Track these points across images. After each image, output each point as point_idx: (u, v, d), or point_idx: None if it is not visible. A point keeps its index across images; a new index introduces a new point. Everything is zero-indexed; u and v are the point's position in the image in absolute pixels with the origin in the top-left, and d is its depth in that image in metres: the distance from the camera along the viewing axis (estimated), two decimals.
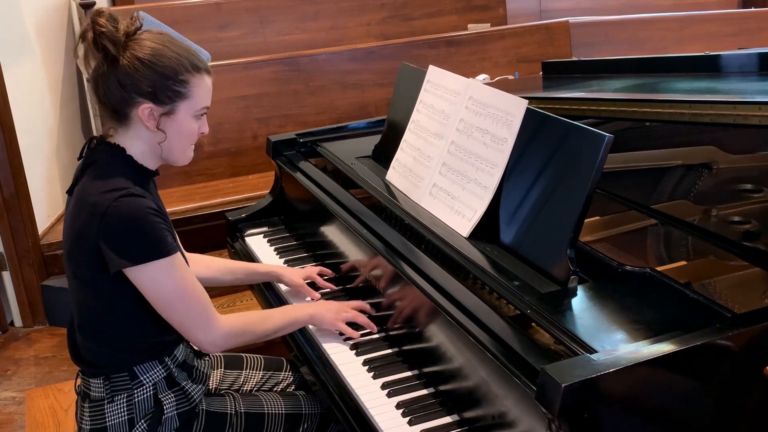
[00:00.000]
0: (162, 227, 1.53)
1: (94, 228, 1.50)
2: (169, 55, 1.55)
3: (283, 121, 3.60)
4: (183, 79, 1.56)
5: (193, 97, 1.58)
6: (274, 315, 1.77)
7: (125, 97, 1.54)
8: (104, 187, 1.52)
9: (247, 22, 4.32)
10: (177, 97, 1.56)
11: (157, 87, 1.54)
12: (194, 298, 1.58)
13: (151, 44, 1.55)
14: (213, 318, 1.61)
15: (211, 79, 1.63)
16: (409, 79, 2.11)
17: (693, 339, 1.22)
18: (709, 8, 5.03)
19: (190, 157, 1.66)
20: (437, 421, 1.48)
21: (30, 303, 3.44)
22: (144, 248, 1.50)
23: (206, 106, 1.62)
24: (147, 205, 1.52)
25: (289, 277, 2.01)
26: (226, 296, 2.95)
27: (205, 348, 1.64)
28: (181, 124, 1.59)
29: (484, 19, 4.69)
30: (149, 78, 1.53)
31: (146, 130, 1.58)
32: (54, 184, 3.80)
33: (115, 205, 1.49)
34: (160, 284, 1.53)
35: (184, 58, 1.57)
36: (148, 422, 1.62)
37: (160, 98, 1.55)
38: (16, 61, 3.48)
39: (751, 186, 1.80)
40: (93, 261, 1.52)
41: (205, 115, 1.65)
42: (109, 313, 1.59)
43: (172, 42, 1.59)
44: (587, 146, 1.47)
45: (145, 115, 1.55)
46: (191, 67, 1.57)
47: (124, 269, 1.51)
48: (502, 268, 1.54)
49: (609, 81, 2.37)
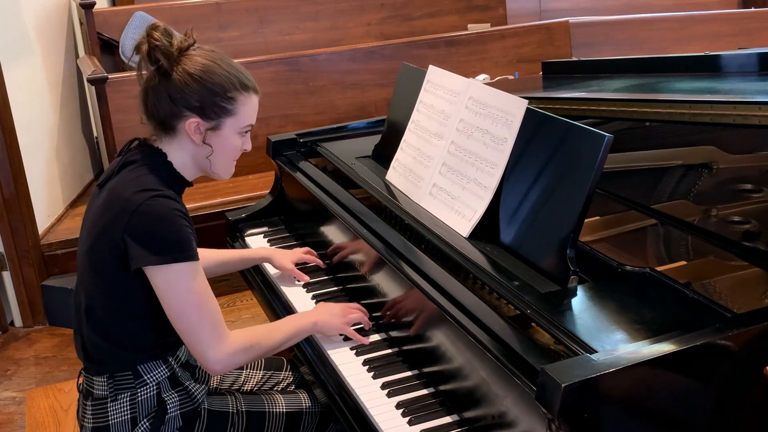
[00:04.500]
0: (189, 231, 1.55)
1: (122, 223, 1.51)
2: (219, 72, 1.58)
3: (283, 121, 3.60)
4: (231, 96, 1.59)
5: (240, 115, 1.61)
6: (278, 328, 1.73)
7: (174, 110, 1.57)
8: (139, 186, 1.54)
9: (247, 22, 4.33)
10: (224, 114, 1.59)
11: (205, 102, 1.57)
12: (208, 310, 1.56)
13: (203, 60, 1.58)
14: (221, 335, 1.57)
15: (258, 98, 1.66)
16: (409, 79, 2.11)
17: (693, 339, 1.22)
18: (709, 8, 5.03)
19: (231, 172, 1.69)
20: (437, 421, 1.48)
21: (30, 303, 3.44)
22: (169, 248, 1.51)
23: (251, 124, 1.65)
24: (177, 208, 1.54)
25: (279, 260, 2.06)
26: (226, 296, 2.96)
27: (211, 368, 1.58)
28: (226, 139, 1.62)
29: (484, 19, 4.69)
30: (198, 93, 1.56)
31: (191, 143, 1.61)
32: (54, 184, 3.80)
33: (148, 203, 1.51)
34: (177, 288, 1.53)
35: (233, 75, 1.60)
36: (151, 421, 1.62)
37: (207, 113, 1.58)
38: (16, 61, 3.48)
39: (751, 186, 1.80)
40: (115, 257, 1.53)
41: (249, 133, 1.67)
42: (117, 311, 1.59)
43: (223, 60, 1.62)
44: (587, 146, 1.47)
45: (192, 129, 1.58)
46: (239, 86, 1.60)
47: (146, 267, 1.51)
48: (502, 268, 1.54)
49: (609, 81, 2.37)
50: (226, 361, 1.59)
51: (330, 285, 2.04)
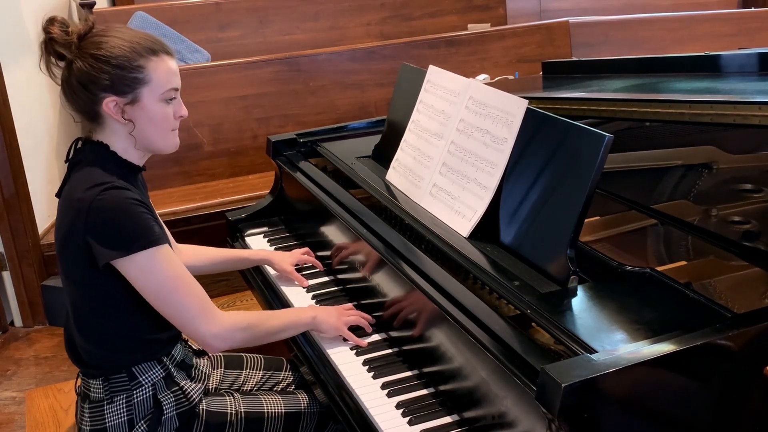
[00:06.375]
0: (147, 217, 1.53)
1: (80, 224, 1.50)
2: (120, 45, 1.55)
3: (283, 121, 3.60)
4: (138, 64, 1.55)
5: (153, 81, 1.57)
6: (277, 315, 1.77)
7: (90, 96, 1.56)
8: (88, 183, 1.53)
9: (247, 22, 4.32)
10: (136, 84, 1.56)
11: (114, 79, 1.54)
12: (188, 289, 1.55)
13: (102, 39, 1.56)
14: (212, 310, 1.58)
15: (174, 60, 1.61)
16: (409, 79, 2.11)
17: (693, 339, 1.22)
18: (709, 8, 5.03)
19: (174, 143, 1.65)
20: (437, 421, 1.48)
21: (30, 303, 3.44)
22: (130, 238, 1.50)
23: (173, 88, 1.60)
24: (130, 197, 1.52)
25: (279, 263, 2.05)
26: (226, 296, 2.95)
27: (209, 344, 1.59)
28: (149, 109, 1.58)
29: (484, 19, 4.68)
30: (105, 71, 1.53)
31: (118, 124, 1.58)
32: (54, 184, 3.79)
33: (99, 199, 1.50)
34: (150, 275, 1.52)
35: (137, 44, 1.56)
36: (148, 423, 1.62)
37: (119, 89, 1.55)
38: (16, 61, 3.48)
39: (751, 186, 1.80)
40: (82, 258, 1.53)
41: (179, 99, 1.63)
42: (101, 312, 1.59)
43: (125, 32, 1.58)
44: (587, 146, 1.47)
45: (111, 109, 1.56)
46: (145, 51, 1.56)
47: (113, 261, 1.51)
48: (502, 268, 1.54)
49: (609, 81, 2.37)
50: (223, 334, 1.58)
51: (330, 285, 2.04)
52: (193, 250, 1.99)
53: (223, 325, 1.58)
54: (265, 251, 2.17)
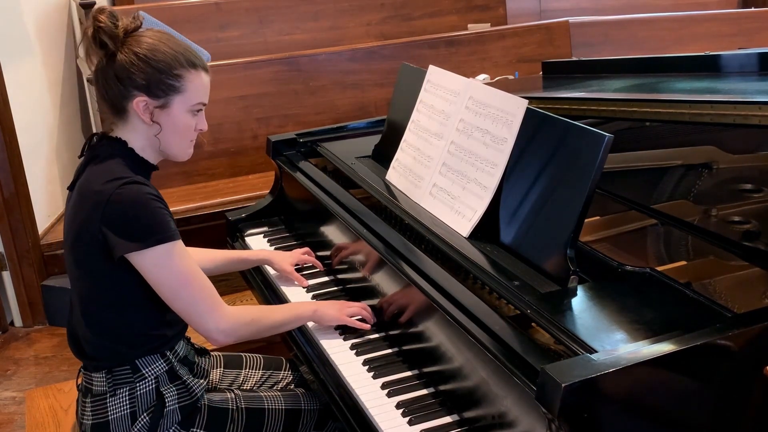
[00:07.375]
0: (164, 212, 1.56)
1: (98, 216, 1.52)
2: (164, 50, 1.59)
3: (283, 121, 3.60)
4: (177, 73, 1.59)
5: (187, 92, 1.61)
6: (279, 308, 1.80)
7: (122, 90, 1.58)
8: (107, 177, 1.55)
9: (247, 22, 4.32)
10: (171, 91, 1.60)
11: (151, 80, 1.57)
12: (199, 285, 1.59)
13: (149, 40, 1.59)
14: (220, 305, 1.62)
15: (208, 77, 1.66)
16: (409, 79, 2.11)
17: (693, 339, 1.22)
18: (709, 8, 5.03)
19: (189, 153, 1.69)
20: (437, 421, 1.48)
21: (30, 303, 3.44)
22: (148, 232, 1.52)
23: (202, 102, 1.65)
24: (149, 192, 1.56)
25: (279, 263, 2.07)
26: (226, 296, 2.95)
27: (215, 338, 1.62)
28: (176, 117, 1.62)
29: (484, 19, 4.68)
30: (144, 71, 1.57)
31: (142, 123, 1.61)
32: (54, 184, 3.80)
33: (119, 192, 1.52)
34: (164, 270, 1.55)
35: (180, 54, 1.60)
36: (150, 415, 1.62)
37: (154, 91, 1.58)
38: (16, 61, 3.48)
39: (751, 186, 1.80)
40: (97, 250, 1.54)
41: (203, 113, 1.67)
42: (111, 304, 1.60)
43: (171, 39, 1.63)
44: (587, 146, 1.47)
45: (140, 108, 1.59)
46: (186, 63, 1.61)
47: (128, 254, 1.53)
48: (502, 268, 1.54)
49: (609, 81, 2.37)
50: (229, 330, 1.62)
51: (330, 285, 2.04)
52: (195, 252, 1.99)
53: (230, 320, 1.63)
54: (265, 251, 2.18)
